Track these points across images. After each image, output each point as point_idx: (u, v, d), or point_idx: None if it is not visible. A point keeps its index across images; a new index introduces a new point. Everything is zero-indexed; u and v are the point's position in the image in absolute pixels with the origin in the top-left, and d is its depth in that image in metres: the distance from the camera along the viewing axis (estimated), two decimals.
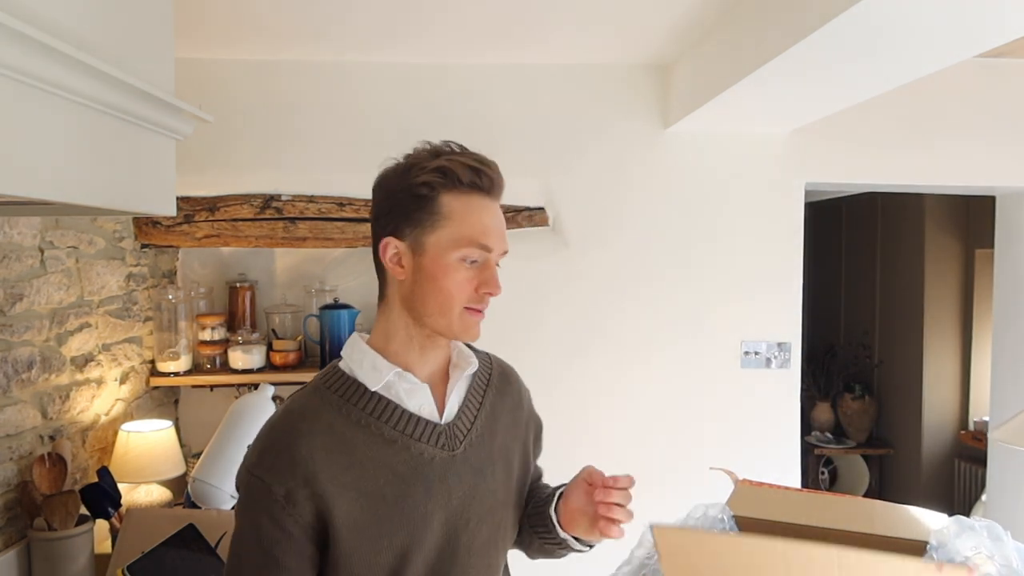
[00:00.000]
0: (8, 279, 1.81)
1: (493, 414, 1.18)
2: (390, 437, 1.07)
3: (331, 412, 1.07)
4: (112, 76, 1.24)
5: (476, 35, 2.42)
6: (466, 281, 1.07)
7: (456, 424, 1.13)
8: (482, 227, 1.07)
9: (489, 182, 1.09)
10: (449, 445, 1.11)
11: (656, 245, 2.78)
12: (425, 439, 1.09)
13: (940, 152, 2.80)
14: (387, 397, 1.09)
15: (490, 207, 1.09)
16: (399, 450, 1.07)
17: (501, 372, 1.26)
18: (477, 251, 1.07)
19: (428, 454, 1.09)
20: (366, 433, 1.07)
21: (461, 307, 1.08)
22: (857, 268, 5.22)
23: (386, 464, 1.06)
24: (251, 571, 1.03)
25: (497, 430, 1.18)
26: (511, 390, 1.25)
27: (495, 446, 1.16)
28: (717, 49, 2.28)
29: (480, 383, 1.20)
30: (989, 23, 1.58)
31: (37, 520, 1.84)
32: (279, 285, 2.86)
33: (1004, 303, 3.13)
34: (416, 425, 1.09)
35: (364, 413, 1.08)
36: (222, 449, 2.07)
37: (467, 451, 1.12)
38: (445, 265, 1.07)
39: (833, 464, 4.95)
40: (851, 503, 1.49)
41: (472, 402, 1.17)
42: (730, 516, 1.35)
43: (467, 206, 1.07)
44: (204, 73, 2.62)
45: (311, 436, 1.04)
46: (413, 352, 1.12)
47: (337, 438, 1.05)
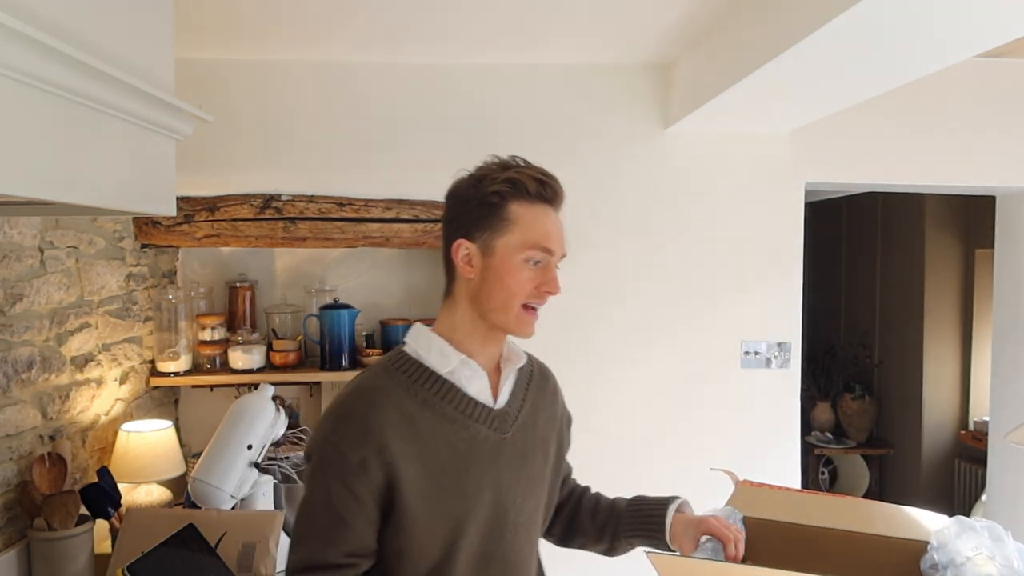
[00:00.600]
0: (8, 279, 1.81)
1: (534, 406, 1.31)
2: (451, 417, 1.20)
3: (399, 390, 1.19)
4: (112, 76, 1.24)
5: (476, 35, 2.42)
6: (528, 280, 1.20)
7: (507, 410, 1.26)
8: (544, 232, 1.20)
9: (552, 193, 1.22)
10: (500, 428, 1.24)
11: (656, 245, 2.78)
12: (481, 421, 1.22)
13: (940, 152, 2.80)
14: (450, 381, 1.22)
15: (552, 215, 1.22)
16: (458, 429, 1.20)
17: (540, 370, 1.39)
18: (540, 253, 1.20)
19: (483, 434, 1.21)
20: (430, 411, 1.19)
21: (521, 303, 1.20)
22: (857, 268, 5.22)
23: (447, 440, 1.18)
24: (321, 532, 1.14)
25: (538, 421, 1.31)
26: (548, 387, 1.38)
27: (536, 434, 1.30)
28: (717, 49, 2.28)
29: (524, 378, 1.33)
30: (989, 23, 1.58)
31: (37, 520, 1.84)
32: (279, 285, 2.86)
33: (1004, 303, 3.13)
34: (474, 408, 1.22)
35: (429, 393, 1.20)
36: (222, 449, 2.07)
37: (515, 435, 1.25)
38: (511, 266, 1.19)
39: (833, 464, 4.95)
40: (852, 504, 1.49)
41: (518, 393, 1.30)
42: (740, 518, 1.35)
43: (532, 213, 1.20)
44: (204, 73, 2.62)
45: (383, 410, 1.16)
46: (475, 343, 1.24)
47: (405, 414, 1.17)
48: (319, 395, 2.85)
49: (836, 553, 1.28)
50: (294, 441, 2.48)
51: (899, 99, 2.62)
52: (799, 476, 2.91)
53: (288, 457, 2.39)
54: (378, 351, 2.72)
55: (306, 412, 2.86)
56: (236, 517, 1.96)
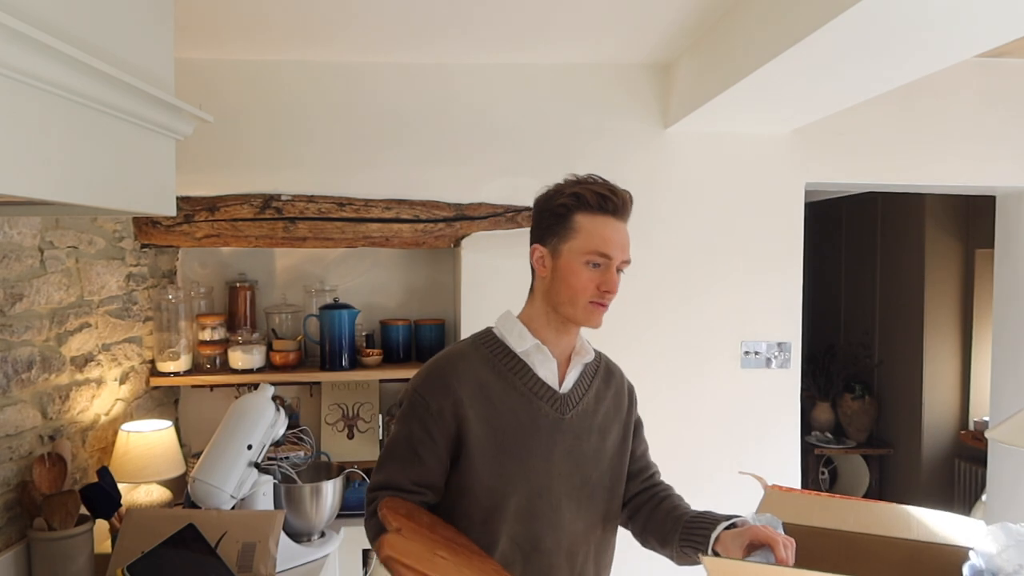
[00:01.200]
0: (8, 279, 1.81)
1: (597, 396, 1.48)
2: (520, 391, 1.40)
3: (480, 360, 1.42)
4: (112, 76, 1.24)
5: (476, 35, 2.42)
6: (589, 281, 1.38)
7: (569, 396, 1.43)
8: (603, 240, 1.37)
9: (614, 206, 1.39)
10: (561, 409, 1.42)
11: (656, 245, 2.78)
12: (545, 400, 1.41)
13: (940, 152, 2.80)
14: (525, 361, 1.42)
15: (614, 225, 1.39)
16: (525, 403, 1.40)
17: (607, 367, 1.55)
18: (598, 257, 1.37)
19: (544, 411, 1.40)
20: (503, 383, 1.40)
21: (586, 300, 1.38)
22: (857, 268, 5.22)
23: (513, 409, 1.39)
24: (399, 461, 1.39)
25: (599, 409, 1.47)
26: (614, 382, 1.53)
27: (596, 421, 1.45)
28: (717, 49, 2.28)
29: (591, 371, 1.50)
30: (989, 23, 1.58)
31: (37, 520, 1.84)
32: (279, 285, 2.86)
33: (1004, 303, 3.13)
34: (541, 387, 1.41)
35: (505, 368, 1.41)
36: (222, 449, 2.07)
37: (573, 418, 1.42)
38: (574, 267, 1.38)
39: (833, 464, 4.95)
40: (887, 509, 1.45)
41: (583, 383, 1.47)
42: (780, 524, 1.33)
43: (594, 223, 1.38)
44: (204, 73, 2.62)
45: (463, 373, 1.39)
46: (550, 333, 1.43)
47: (481, 380, 1.39)
48: (319, 395, 2.85)
49: (872, 559, 1.26)
50: (294, 441, 2.48)
51: (899, 99, 2.62)
52: (799, 476, 2.91)
53: (288, 457, 2.39)
54: (378, 351, 2.72)
55: (306, 412, 2.86)
56: (236, 517, 1.96)
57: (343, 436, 2.80)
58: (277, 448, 2.38)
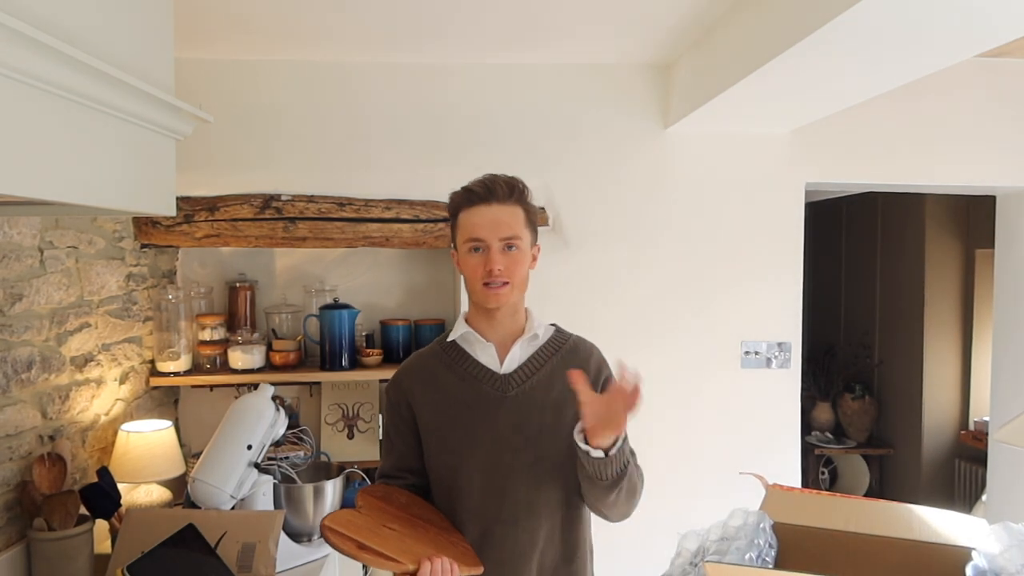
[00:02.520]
0: (8, 279, 1.81)
1: (551, 376, 1.55)
2: (463, 376, 1.56)
3: (432, 354, 1.61)
4: (112, 76, 1.24)
5: (476, 35, 2.42)
6: (476, 265, 1.51)
7: (512, 376, 1.54)
8: (472, 226, 1.51)
9: (479, 195, 1.51)
10: (502, 388, 1.53)
11: (656, 245, 2.78)
12: (484, 381, 1.54)
13: (940, 152, 2.80)
14: (467, 351, 1.57)
15: (482, 211, 1.51)
16: (468, 386, 1.54)
17: (573, 347, 1.62)
18: (474, 243, 1.50)
19: (484, 391, 1.53)
20: (450, 372, 1.57)
21: (479, 284, 1.51)
22: (857, 268, 5.22)
23: (457, 394, 1.54)
24: (384, 452, 1.65)
25: (553, 386, 1.54)
26: (576, 360, 1.58)
27: (548, 398, 1.53)
28: (717, 49, 2.28)
29: (547, 351, 1.59)
30: (989, 23, 1.58)
31: (37, 520, 1.84)
32: (279, 285, 2.86)
33: (1004, 303, 3.13)
34: (480, 370, 1.55)
35: (450, 358, 1.58)
36: (222, 449, 2.06)
37: (518, 396, 1.53)
38: (464, 259, 1.53)
39: (833, 464, 4.94)
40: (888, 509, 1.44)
41: (534, 363, 1.56)
42: (770, 524, 1.33)
43: (467, 215, 1.52)
44: (204, 73, 2.62)
45: (416, 367, 1.61)
46: (482, 321, 1.57)
47: (430, 370, 1.58)
48: (319, 395, 2.85)
49: (874, 559, 1.25)
50: (294, 441, 2.48)
51: (899, 99, 2.62)
52: (799, 476, 2.91)
53: (288, 457, 2.39)
54: (378, 351, 2.72)
55: (306, 412, 2.86)
56: (236, 517, 1.96)
57: (343, 436, 2.80)
58: (277, 448, 2.38)
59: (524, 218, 1.54)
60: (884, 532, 1.27)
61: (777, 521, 1.35)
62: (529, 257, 1.56)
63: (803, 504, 1.41)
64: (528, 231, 1.55)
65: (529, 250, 1.56)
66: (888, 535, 1.25)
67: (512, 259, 1.51)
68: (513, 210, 1.52)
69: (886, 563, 1.24)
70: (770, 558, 1.30)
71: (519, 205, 1.53)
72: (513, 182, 1.53)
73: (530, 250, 1.56)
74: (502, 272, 1.49)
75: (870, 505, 1.48)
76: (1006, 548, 1.13)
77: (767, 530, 1.32)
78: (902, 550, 1.23)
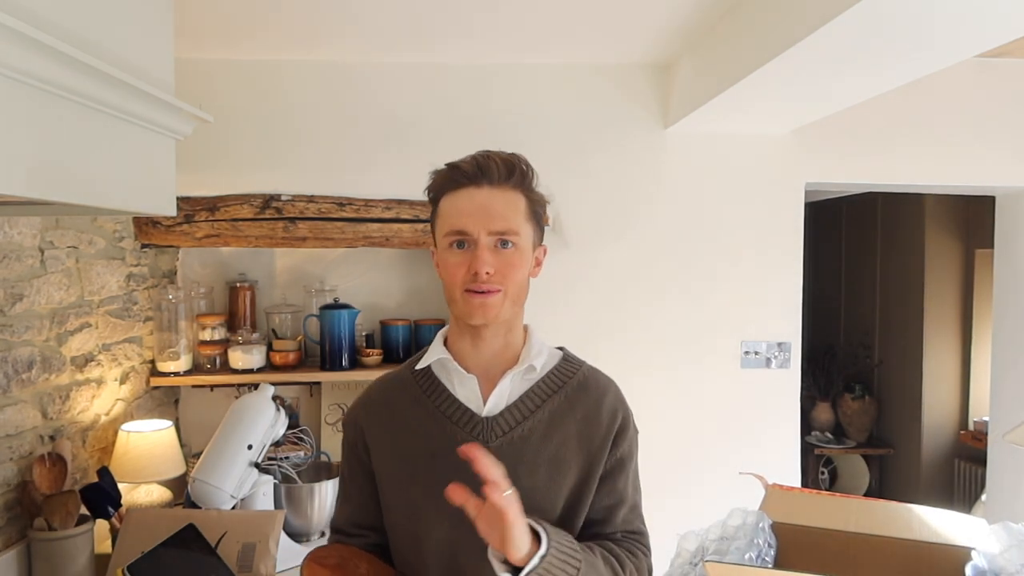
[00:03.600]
0: (8, 279, 1.81)
1: (551, 421, 1.19)
2: (432, 415, 1.20)
3: (398, 385, 1.26)
4: (112, 76, 1.24)
5: (476, 35, 2.42)
6: (457, 265, 1.16)
7: (497, 419, 1.19)
8: (457, 213, 1.16)
9: (467, 174, 1.17)
10: (483, 437, 1.17)
11: (656, 245, 2.78)
12: (461, 425, 1.18)
13: (940, 152, 2.80)
14: (442, 381, 1.23)
15: (470, 194, 1.17)
16: (437, 428, 1.19)
17: (583, 383, 1.24)
18: (457, 236, 1.16)
19: (460, 439, 1.15)
20: (417, 407, 1.22)
21: (461, 290, 1.15)
22: (857, 268, 5.22)
23: (423, 436, 1.19)
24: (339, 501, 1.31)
25: (552, 436, 1.18)
26: (586, 403, 1.22)
27: (544, 451, 1.18)
28: (717, 49, 2.28)
29: (547, 388, 1.22)
30: (989, 23, 1.58)
31: (37, 520, 1.84)
32: (279, 285, 2.86)
33: (1004, 303, 3.13)
34: (457, 410, 1.20)
35: (420, 390, 1.23)
36: (222, 449, 2.07)
37: (503, 447, 1.16)
38: (443, 257, 1.18)
39: (833, 464, 4.95)
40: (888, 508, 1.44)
41: (527, 403, 1.20)
42: (769, 524, 1.33)
43: (451, 200, 1.18)
44: (204, 73, 2.62)
45: (376, 399, 1.27)
46: (465, 343, 1.22)
47: (393, 406, 1.24)
48: (319, 395, 2.85)
49: (873, 559, 1.24)
50: (294, 441, 2.48)
51: (899, 99, 2.62)
52: (799, 476, 2.91)
53: (288, 457, 2.39)
54: (378, 351, 2.72)
55: (306, 412, 2.86)
56: (236, 517, 1.96)
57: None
58: (277, 448, 2.38)
59: (525, 208, 1.19)
60: (884, 532, 1.27)
61: (776, 521, 1.35)
62: (530, 259, 1.20)
63: (802, 504, 1.41)
64: (530, 226, 1.20)
65: (530, 250, 1.20)
66: (888, 535, 1.25)
67: (506, 260, 1.15)
68: (511, 197, 1.17)
69: (886, 563, 1.24)
70: (769, 558, 1.30)
71: (519, 191, 1.19)
72: (513, 160, 1.20)
73: (532, 251, 1.20)
74: (491, 276, 1.13)
75: (870, 505, 1.48)
76: (1006, 548, 1.14)
77: (766, 530, 1.32)
78: (902, 550, 1.23)
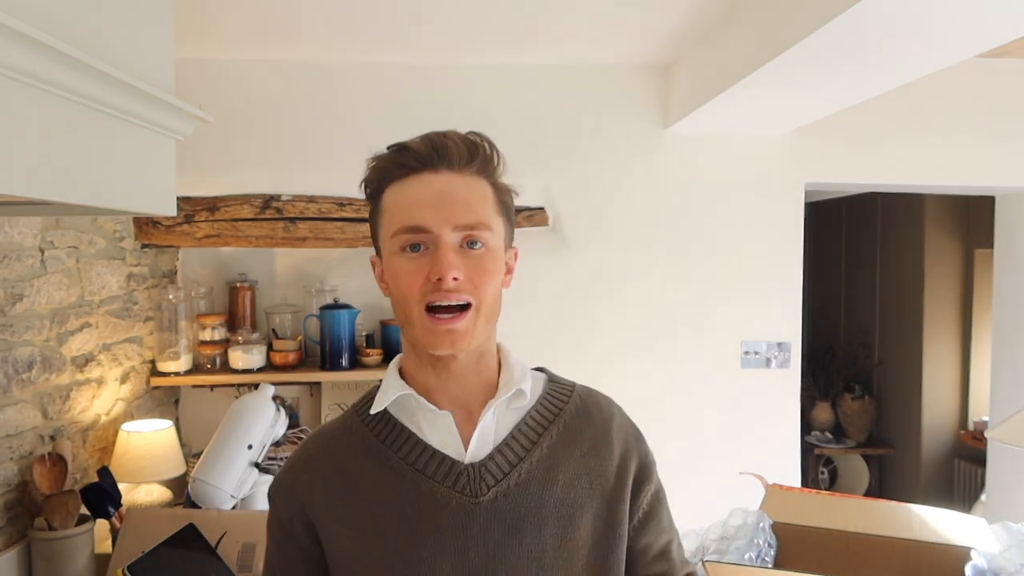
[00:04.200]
0: (8, 279, 1.81)
1: (552, 458, 0.94)
2: (398, 470, 0.92)
3: (345, 437, 0.97)
4: (112, 76, 1.24)
5: (476, 35, 2.42)
6: (411, 273, 0.88)
7: (486, 465, 0.92)
8: (408, 204, 0.90)
9: (416, 156, 0.91)
10: (471, 489, 0.90)
11: (656, 245, 2.78)
12: (440, 478, 0.91)
13: (940, 152, 2.80)
14: (404, 424, 0.95)
15: (426, 181, 0.91)
16: (408, 487, 0.91)
17: (581, 408, 1.00)
18: (410, 235, 0.89)
19: (442, 497, 0.90)
20: (375, 463, 0.93)
21: (419, 308, 0.88)
22: (857, 268, 5.22)
23: (390, 501, 0.91)
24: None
25: (556, 478, 0.93)
26: (591, 430, 0.98)
27: (549, 498, 0.92)
28: (717, 49, 2.28)
29: (540, 418, 0.97)
30: (990, 23, 1.58)
31: (37, 520, 1.84)
32: (279, 285, 2.86)
33: (1004, 303, 3.13)
34: (430, 460, 0.92)
35: (376, 440, 0.94)
36: (222, 449, 2.07)
37: (498, 500, 0.90)
38: (392, 264, 0.91)
39: (833, 464, 4.95)
40: (887, 508, 1.45)
41: (519, 439, 0.94)
42: (770, 524, 1.33)
43: (401, 190, 0.92)
44: (204, 73, 2.62)
45: (317, 459, 0.97)
46: (428, 375, 0.94)
47: (342, 465, 0.94)
48: (319, 395, 2.85)
49: (873, 559, 1.25)
50: (294, 441, 2.48)
51: (899, 99, 2.61)
52: (799, 476, 2.91)
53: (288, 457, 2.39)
54: (378, 351, 2.72)
55: (306, 412, 2.86)
56: (236, 517, 1.96)
57: None
58: (277, 448, 2.38)
59: (493, 199, 0.94)
60: (884, 532, 1.27)
61: (776, 521, 1.35)
62: (502, 264, 0.94)
63: (802, 504, 1.41)
64: (501, 220, 0.94)
65: (502, 253, 0.94)
66: (888, 535, 1.25)
67: (477, 264, 0.90)
68: (475, 183, 0.93)
69: (886, 563, 1.24)
70: (769, 557, 1.30)
71: (483, 178, 0.94)
72: (475, 140, 0.96)
73: (503, 254, 0.95)
74: (460, 283, 0.88)
75: (870, 505, 1.48)
76: (1005, 548, 1.14)
77: (766, 530, 1.32)
78: (902, 550, 1.23)
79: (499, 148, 0.98)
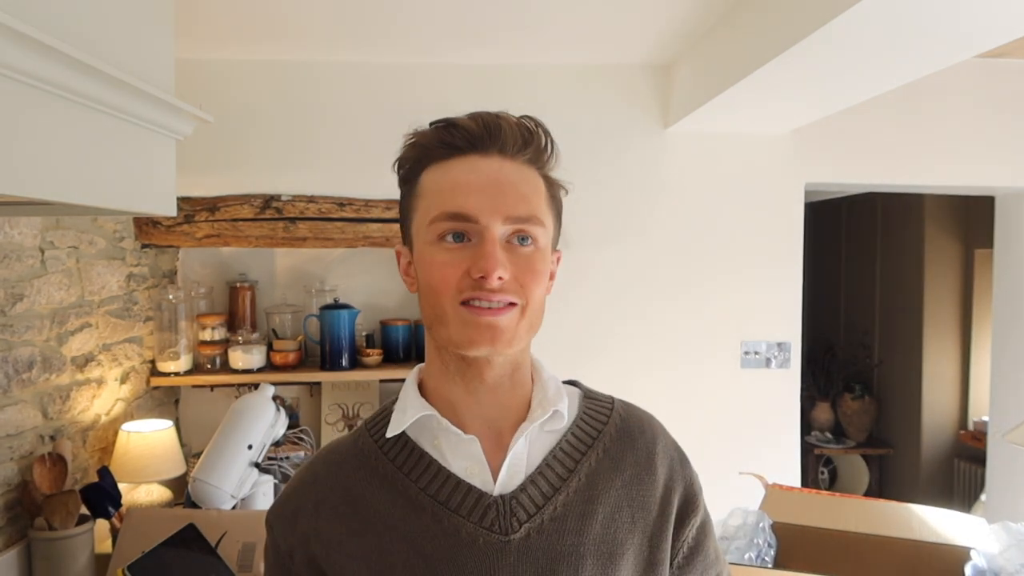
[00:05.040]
0: (8, 279, 1.81)
1: (591, 488, 0.83)
2: (417, 502, 0.80)
3: (356, 461, 0.85)
4: (112, 76, 1.24)
5: (476, 35, 2.42)
6: (448, 265, 0.78)
7: (519, 497, 0.81)
8: (454, 188, 0.80)
9: (466, 136, 0.83)
10: (501, 526, 0.79)
11: (656, 245, 2.78)
12: (465, 512, 0.79)
13: (940, 152, 2.80)
14: (423, 449, 0.83)
15: (475, 164, 0.81)
16: (428, 522, 0.79)
17: (623, 429, 0.89)
18: (453, 223, 0.79)
19: (467, 534, 0.78)
20: (391, 492, 0.81)
21: (454, 303, 0.78)
22: (857, 268, 5.22)
23: (408, 537, 0.79)
24: None
25: (596, 511, 0.82)
26: (633, 456, 0.87)
27: (588, 534, 0.81)
28: (717, 49, 2.28)
29: (578, 441, 0.86)
30: (989, 23, 1.58)
31: (37, 520, 1.84)
32: (279, 285, 2.86)
33: (1004, 303, 3.13)
34: (454, 491, 0.80)
35: (392, 467, 0.83)
36: (222, 449, 2.07)
37: (531, 537, 0.79)
38: (426, 256, 0.81)
39: (833, 464, 4.95)
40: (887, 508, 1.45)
41: (555, 468, 0.83)
42: (769, 524, 1.33)
43: (445, 172, 0.82)
44: (204, 73, 2.62)
45: (321, 493, 0.84)
46: (455, 388, 0.83)
47: (353, 493, 0.82)
48: (319, 395, 2.85)
49: (873, 559, 1.25)
50: (294, 441, 2.48)
51: (899, 99, 2.62)
52: (799, 476, 2.91)
53: (288, 457, 2.40)
54: (378, 351, 2.72)
55: (306, 412, 2.86)
56: (236, 517, 1.96)
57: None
58: (277, 448, 2.38)
59: (545, 193, 0.86)
60: (884, 532, 1.27)
61: (776, 521, 1.35)
62: (549, 266, 0.87)
63: (802, 504, 1.41)
64: (551, 217, 0.87)
65: (549, 255, 0.87)
66: (888, 535, 1.26)
67: (526, 262, 0.81)
68: (528, 174, 0.85)
69: (886, 563, 1.24)
70: (769, 557, 1.30)
71: (536, 169, 0.86)
72: (530, 127, 0.88)
73: (550, 257, 0.87)
74: (506, 283, 0.78)
75: (870, 505, 1.48)
76: (1005, 548, 1.14)
77: (766, 529, 1.32)
78: (902, 550, 1.23)
79: (554, 138, 0.88)
